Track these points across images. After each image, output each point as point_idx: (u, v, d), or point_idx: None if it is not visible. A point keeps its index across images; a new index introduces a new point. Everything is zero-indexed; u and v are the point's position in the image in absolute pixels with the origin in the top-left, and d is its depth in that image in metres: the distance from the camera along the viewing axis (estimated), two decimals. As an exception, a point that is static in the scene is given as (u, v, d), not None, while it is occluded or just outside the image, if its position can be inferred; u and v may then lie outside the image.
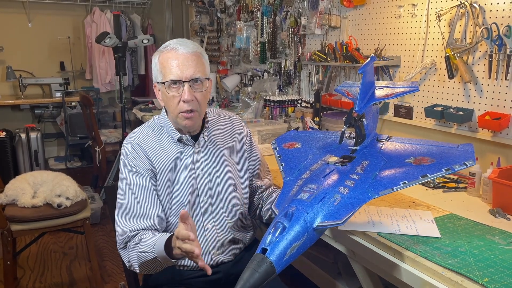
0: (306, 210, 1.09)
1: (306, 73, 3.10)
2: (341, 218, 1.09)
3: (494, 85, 1.83)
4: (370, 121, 1.51)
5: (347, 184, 1.20)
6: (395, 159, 1.33)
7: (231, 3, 3.93)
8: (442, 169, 1.20)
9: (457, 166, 1.20)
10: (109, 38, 3.32)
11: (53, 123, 5.13)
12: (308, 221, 1.08)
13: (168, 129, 1.43)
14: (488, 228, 1.38)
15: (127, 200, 1.37)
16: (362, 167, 1.29)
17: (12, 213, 2.31)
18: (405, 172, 1.23)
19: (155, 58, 1.37)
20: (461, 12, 1.92)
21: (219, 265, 1.47)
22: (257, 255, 1.02)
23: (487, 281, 1.05)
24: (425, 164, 1.25)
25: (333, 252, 1.98)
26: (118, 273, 2.74)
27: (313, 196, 1.14)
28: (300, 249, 1.06)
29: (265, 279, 1.00)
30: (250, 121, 2.96)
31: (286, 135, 1.70)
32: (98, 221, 3.46)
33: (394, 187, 1.17)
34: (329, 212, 1.11)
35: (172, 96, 1.33)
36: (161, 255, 1.23)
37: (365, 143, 1.46)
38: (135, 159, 1.38)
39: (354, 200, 1.15)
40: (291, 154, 1.50)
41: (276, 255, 1.01)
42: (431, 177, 1.19)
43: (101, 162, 3.84)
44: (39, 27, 4.96)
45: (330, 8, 2.74)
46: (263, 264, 1.00)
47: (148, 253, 1.26)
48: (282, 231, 1.04)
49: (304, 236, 1.06)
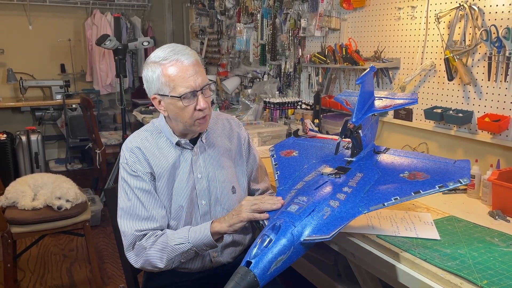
0: (294, 224, 1.08)
1: (306, 75, 3.11)
2: (329, 233, 1.07)
3: (494, 87, 1.83)
4: (367, 132, 1.48)
5: (338, 198, 1.18)
6: (390, 173, 1.31)
7: (231, 5, 3.93)
8: (435, 186, 1.18)
9: (451, 183, 1.18)
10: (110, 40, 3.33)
11: (53, 125, 5.13)
12: (295, 235, 1.06)
13: (166, 133, 1.43)
14: (487, 230, 1.38)
15: (131, 203, 1.36)
16: (356, 180, 1.27)
17: (12, 216, 2.31)
18: (398, 187, 1.21)
19: (154, 71, 1.32)
20: (460, 14, 1.92)
21: (218, 267, 1.47)
22: (241, 268, 1.02)
23: (486, 283, 1.05)
24: (419, 179, 1.24)
25: (333, 254, 1.98)
26: (118, 275, 2.74)
27: (302, 209, 1.13)
28: (286, 263, 1.05)
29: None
30: (250, 123, 2.96)
31: (285, 142, 1.69)
32: (99, 224, 3.46)
33: (386, 202, 1.16)
34: (317, 226, 1.09)
35: (186, 106, 1.32)
36: (202, 244, 1.29)
37: (362, 155, 1.44)
38: (134, 163, 1.38)
39: (344, 214, 1.14)
40: (287, 163, 1.49)
41: (261, 268, 1.00)
42: (423, 193, 1.18)
43: (102, 164, 3.84)
44: (40, 29, 4.97)
45: (329, 10, 2.74)
46: (246, 277, 1.00)
47: (184, 244, 1.30)
48: (267, 244, 1.04)
49: (290, 250, 1.05)
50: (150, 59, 1.35)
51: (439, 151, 2.11)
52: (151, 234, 1.34)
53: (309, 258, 2.11)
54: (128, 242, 1.35)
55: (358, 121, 1.40)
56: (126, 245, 1.36)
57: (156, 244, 1.32)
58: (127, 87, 5.27)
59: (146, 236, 1.33)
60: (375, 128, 1.59)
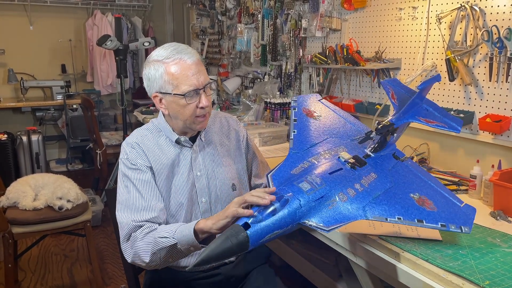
0: (301, 204, 1.08)
1: (306, 75, 3.11)
2: (328, 226, 1.07)
3: (495, 87, 1.83)
4: (397, 135, 1.45)
5: (348, 193, 1.17)
6: (401, 187, 1.28)
7: (232, 5, 3.93)
8: (438, 223, 1.17)
9: (453, 227, 1.17)
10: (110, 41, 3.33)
11: (54, 125, 5.14)
12: (299, 215, 1.07)
13: (166, 131, 1.45)
14: (489, 230, 1.38)
15: (130, 195, 1.35)
16: (368, 180, 1.25)
17: (13, 216, 2.31)
18: (405, 207, 1.19)
19: (158, 69, 1.34)
20: (462, 14, 1.92)
21: (219, 267, 1.48)
22: (237, 226, 1.02)
23: (488, 284, 1.05)
24: (426, 208, 1.21)
25: (334, 254, 1.98)
26: (119, 275, 2.74)
27: (313, 191, 1.12)
28: (278, 236, 1.06)
29: (234, 253, 1.00)
30: (251, 124, 2.96)
31: (310, 98, 1.57)
32: (99, 224, 3.46)
33: (389, 218, 1.15)
34: (320, 214, 1.09)
35: (188, 104, 1.34)
36: (185, 241, 1.20)
37: (381, 153, 1.39)
38: (135, 158, 1.39)
39: (347, 212, 1.13)
40: (307, 124, 1.43)
41: (255, 233, 1.01)
42: (425, 225, 1.16)
43: (102, 164, 3.84)
44: (41, 30, 4.97)
45: (330, 10, 2.74)
46: (238, 236, 1.00)
47: (168, 238, 1.22)
48: (270, 213, 1.04)
49: (288, 227, 1.05)
50: (152, 58, 1.36)
51: (440, 151, 2.11)
52: (146, 226, 1.30)
53: (310, 258, 2.11)
54: (124, 233, 1.32)
55: (398, 123, 1.37)
56: (122, 237, 1.33)
57: (147, 236, 1.28)
58: (128, 87, 5.28)
59: (142, 228, 1.30)
60: (401, 132, 1.52)
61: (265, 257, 1.62)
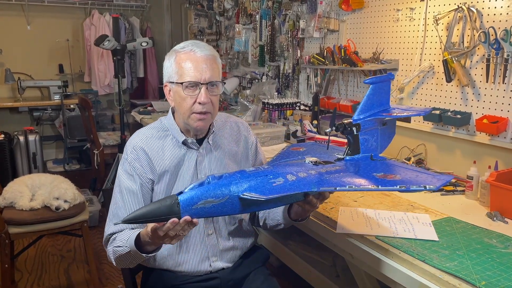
0: (240, 179, 1.09)
1: (304, 76, 3.11)
2: (267, 195, 1.05)
3: (492, 88, 1.83)
4: (370, 138, 1.38)
5: (299, 175, 1.13)
6: (366, 170, 1.23)
7: (230, 6, 3.94)
8: (397, 185, 1.09)
9: (415, 187, 1.08)
10: (108, 41, 3.32)
11: (51, 125, 5.12)
12: (235, 186, 1.07)
13: (173, 131, 1.43)
14: (485, 231, 1.38)
15: (116, 205, 1.41)
16: (329, 169, 1.20)
17: (10, 216, 2.30)
18: (361, 180, 1.14)
19: (170, 58, 1.36)
20: (459, 16, 1.92)
21: (217, 271, 1.47)
22: (171, 195, 1.06)
23: (485, 284, 1.06)
24: (387, 179, 1.14)
25: (332, 255, 1.98)
26: (116, 276, 2.73)
27: (256, 171, 1.12)
28: (217, 209, 1.06)
29: (162, 213, 1.02)
30: (249, 124, 2.96)
31: (302, 143, 1.67)
32: (96, 224, 3.45)
33: (338, 187, 1.10)
34: (262, 188, 1.07)
35: (187, 96, 1.33)
36: (133, 249, 1.23)
37: (357, 158, 1.33)
38: (134, 161, 1.39)
39: (293, 186, 1.10)
40: (289, 153, 1.47)
41: (186, 199, 1.04)
42: (381, 189, 1.11)
43: (100, 164, 3.83)
44: (38, 29, 4.96)
45: (328, 11, 2.75)
46: (169, 200, 1.03)
47: (122, 247, 1.28)
48: (202, 184, 1.06)
49: (224, 198, 1.06)
50: (172, 48, 1.39)
51: (438, 152, 2.11)
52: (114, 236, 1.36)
53: (307, 259, 2.11)
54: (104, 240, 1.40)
55: (357, 120, 1.33)
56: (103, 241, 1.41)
57: (110, 244, 1.36)
58: (126, 87, 5.27)
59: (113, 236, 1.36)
60: (386, 141, 1.43)
61: (263, 260, 1.61)
